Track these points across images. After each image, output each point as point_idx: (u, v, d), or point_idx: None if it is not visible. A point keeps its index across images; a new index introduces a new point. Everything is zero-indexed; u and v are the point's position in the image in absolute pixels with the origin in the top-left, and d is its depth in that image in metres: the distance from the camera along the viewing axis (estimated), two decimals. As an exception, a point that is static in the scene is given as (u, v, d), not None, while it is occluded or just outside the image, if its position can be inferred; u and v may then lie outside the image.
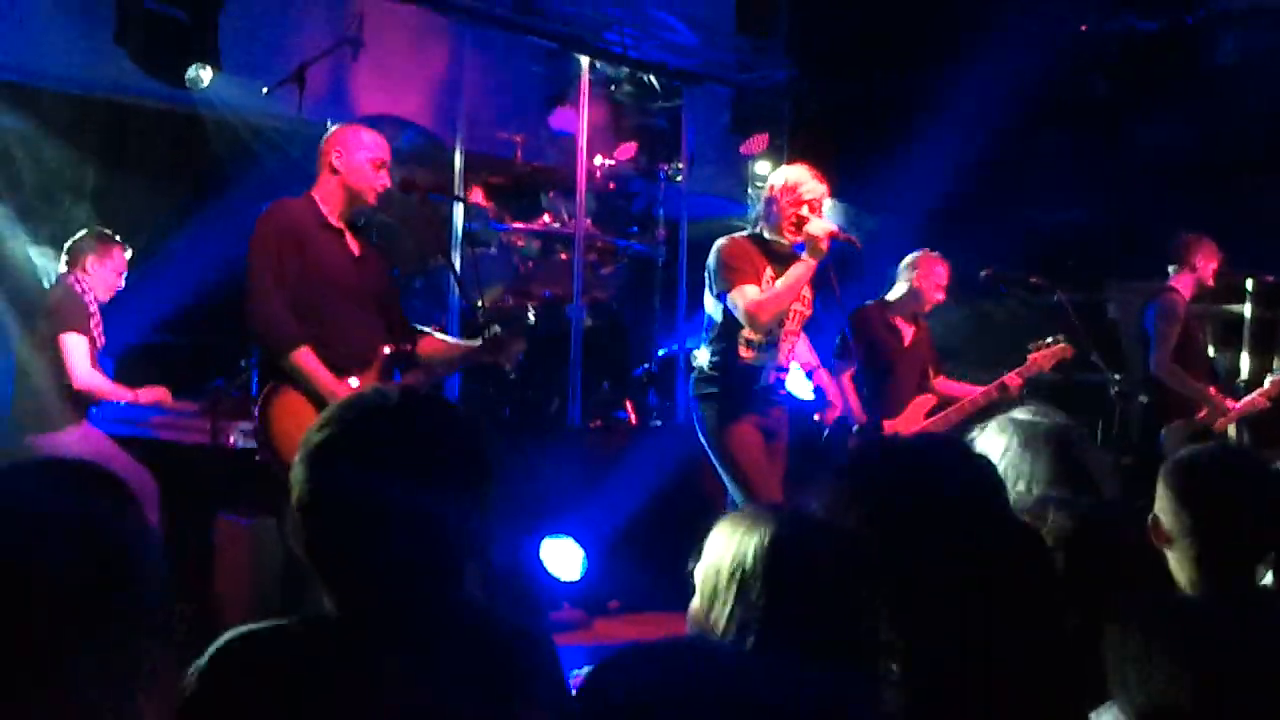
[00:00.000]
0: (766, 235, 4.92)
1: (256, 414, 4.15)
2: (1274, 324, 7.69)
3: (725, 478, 4.89)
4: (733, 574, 1.52)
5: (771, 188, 4.94)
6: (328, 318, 4.25)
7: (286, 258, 4.19)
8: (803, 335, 5.17)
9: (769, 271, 4.84)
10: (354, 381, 4.18)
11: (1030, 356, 5.88)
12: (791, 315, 4.90)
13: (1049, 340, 5.92)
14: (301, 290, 4.21)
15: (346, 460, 1.60)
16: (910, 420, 5.81)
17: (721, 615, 1.52)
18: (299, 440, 1.69)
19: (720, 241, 4.94)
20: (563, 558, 5.79)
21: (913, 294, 5.93)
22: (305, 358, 4.13)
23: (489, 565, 4.64)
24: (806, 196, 4.84)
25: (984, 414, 5.23)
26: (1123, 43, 8.51)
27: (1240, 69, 8.44)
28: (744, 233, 5.02)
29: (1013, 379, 5.78)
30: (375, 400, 1.66)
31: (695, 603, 1.60)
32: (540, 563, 5.72)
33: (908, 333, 5.95)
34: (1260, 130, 8.24)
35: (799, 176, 4.92)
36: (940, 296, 5.96)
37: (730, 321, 4.83)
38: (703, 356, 4.98)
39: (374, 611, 1.61)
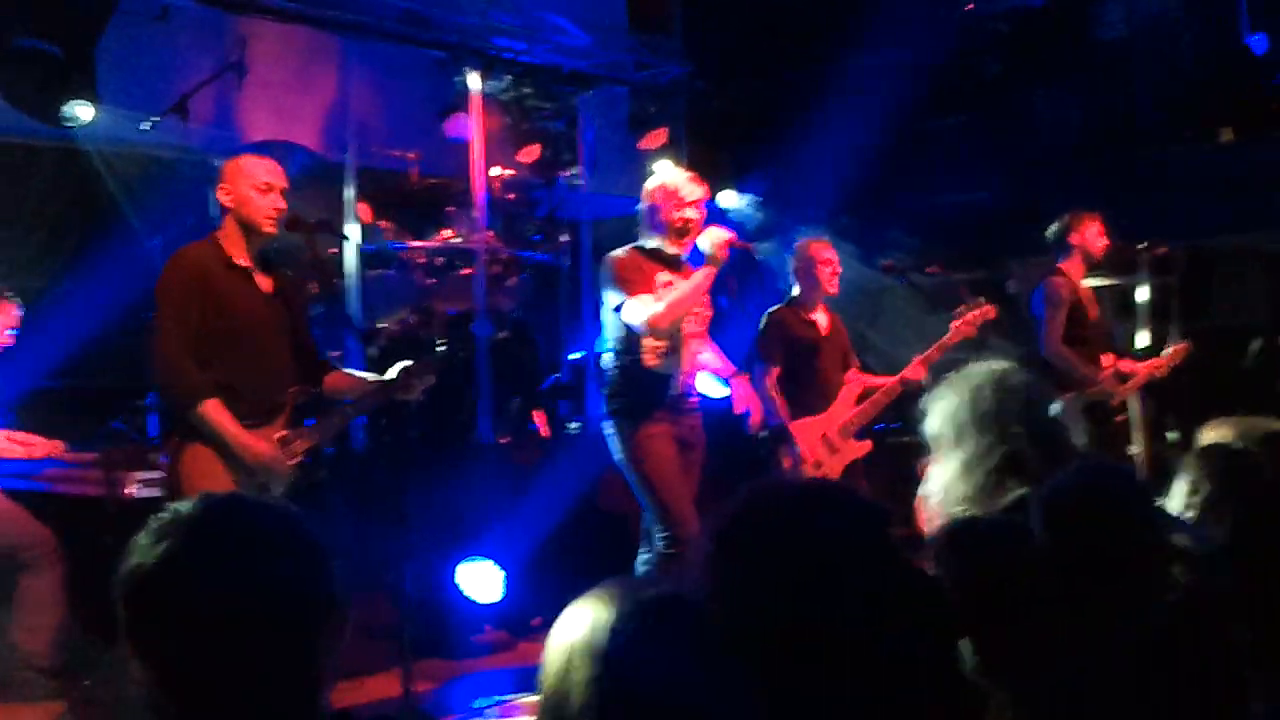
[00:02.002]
0: (650, 245, 4.96)
1: (166, 468, 4.09)
2: (1169, 293, 7.82)
3: (639, 495, 4.88)
4: (556, 682, 1.47)
5: (651, 195, 4.95)
6: (236, 364, 4.18)
7: (191, 307, 4.12)
8: (709, 340, 5.17)
9: (663, 276, 4.87)
10: (273, 432, 4.14)
11: (953, 325, 5.86)
12: (691, 318, 4.91)
13: (967, 306, 5.93)
14: (208, 338, 4.14)
15: (162, 587, 1.53)
16: (839, 410, 5.81)
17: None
18: None
19: (608, 257, 4.95)
20: (482, 580, 5.75)
21: (809, 286, 5.92)
22: (212, 410, 4.06)
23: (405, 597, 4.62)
24: (688, 199, 4.85)
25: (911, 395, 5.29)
26: (1012, 20, 8.59)
27: (1128, 41, 8.56)
28: (629, 246, 5.02)
29: (930, 356, 5.75)
30: (176, 519, 1.59)
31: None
32: (458, 587, 5.69)
33: (822, 323, 5.95)
34: (1151, 100, 8.38)
35: (676, 181, 4.92)
36: (832, 284, 5.88)
37: (632, 333, 4.84)
38: (610, 371, 4.97)
39: None
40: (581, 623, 1.46)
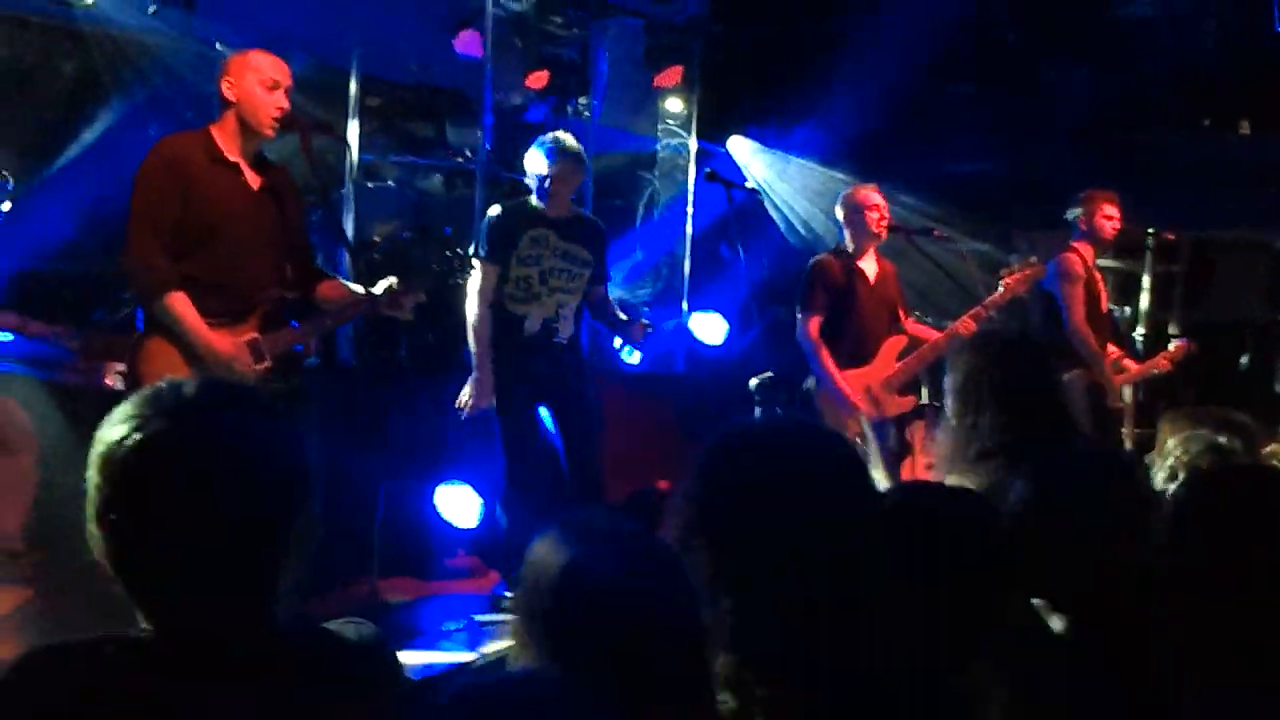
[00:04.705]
0: (533, 203, 5.30)
1: (127, 358, 3.97)
2: (1172, 279, 7.78)
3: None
4: (530, 615, 1.51)
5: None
6: (210, 260, 4.05)
7: (168, 197, 4.00)
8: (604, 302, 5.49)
9: (528, 236, 5.19)
10: (245, 335, 4.03)
11: (1004, 282, 5.69)
12: (552, 275, 5.25)
13: (1018, 265, 5.84)
14: (183, 230, 4.02)
15: (145, 469, 1.47)
16: (883, 364, 5.72)
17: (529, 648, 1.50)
18: None
19: (490, 211, 5.30)
20: (459, 505, 5.68)
21: (857, 233, 5.81)
22: (176, 303, 3.95)
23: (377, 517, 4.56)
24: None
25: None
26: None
27: (1151, 20, 8.45)
28: (511, 201, 5.41)
29: (979, 313, 5.64)
30: (172, 400, 1.52)
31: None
32: (436, 510, 5.62)
33: (870, 271, 5.84)
34: (1168, 83, 8.28)
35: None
36: (881, 230, 5.75)
37: None
38: None
39: (190, 632, 1.49)
40: (546, 552, 1.53)
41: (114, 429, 1.50)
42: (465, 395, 5.23)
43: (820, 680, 1.55)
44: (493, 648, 4.70)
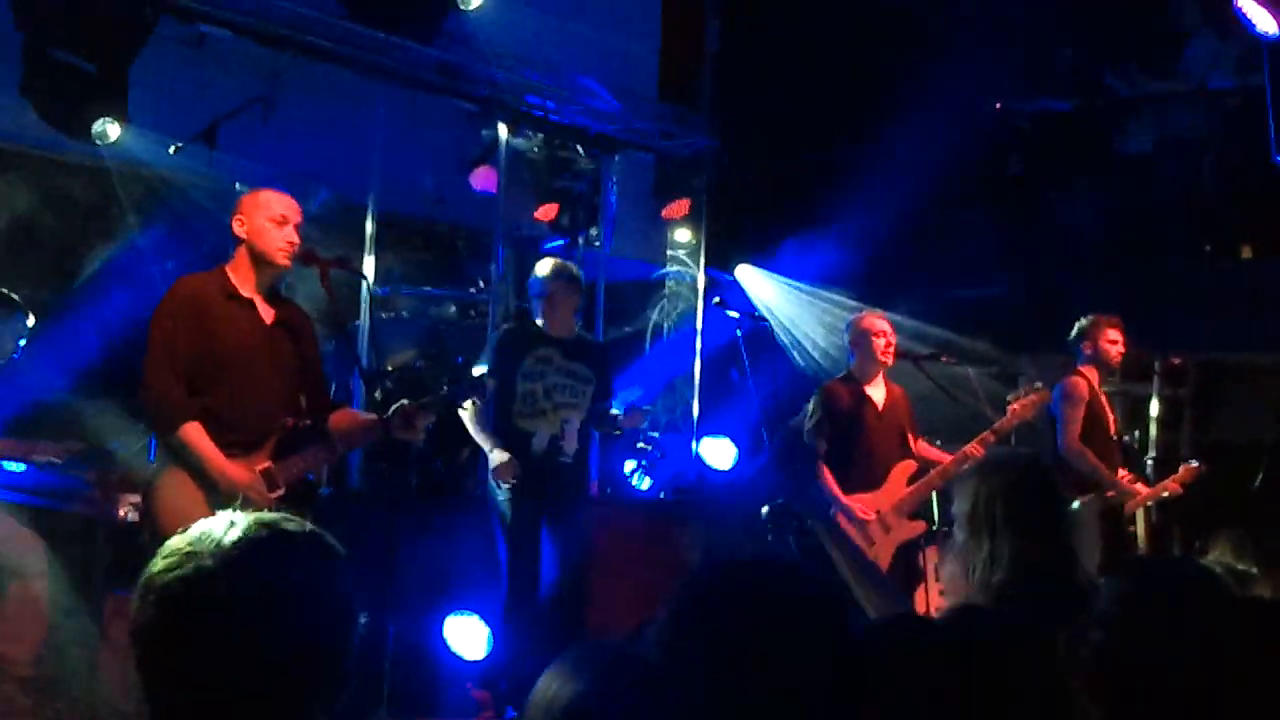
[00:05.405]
0: (538, 324, 5.55)
1: (144, 492, 4.01)
2: (1179, 403, 7.80)
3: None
4: None
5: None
6: (225, 392, 4.15)
7: (182, 332, 4.12)
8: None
9: (533, 355, 5.42)
10: (253, 464, 4.06)
11: (1010, 408, 5.79)
12: (556, 391, 5.44)
13: (1024, 390, 5.89)
14: (198, 364, 4.13)
15: (191, 603, 1.48)
16: (893, 489, 5.74)
17: None
18: (179, 521, 1.61)
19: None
20: (468, 636, 5.64)
21: (864, 358, 5.88)
22: (191, 434, 4.02)
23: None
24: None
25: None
26: (1038, 122, 8.64)
27: (1152, 154, 8.61)
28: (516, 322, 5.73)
29: (987, 437, 5.69)
30: (222, 535, 1.54)
31: None
32: (444, 642, 5.57)
33: (878, 397, 5.89)
34: (1171, 212, 8.41)
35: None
36: (887, 356, 5.86)
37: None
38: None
39: None
40: (552, 688, 1.53)
41: (162, 561, 1.52)
42: (495, 468, 5.33)
43: None
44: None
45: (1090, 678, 2.01)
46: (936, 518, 6.07)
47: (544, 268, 5.62)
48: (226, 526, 1.56)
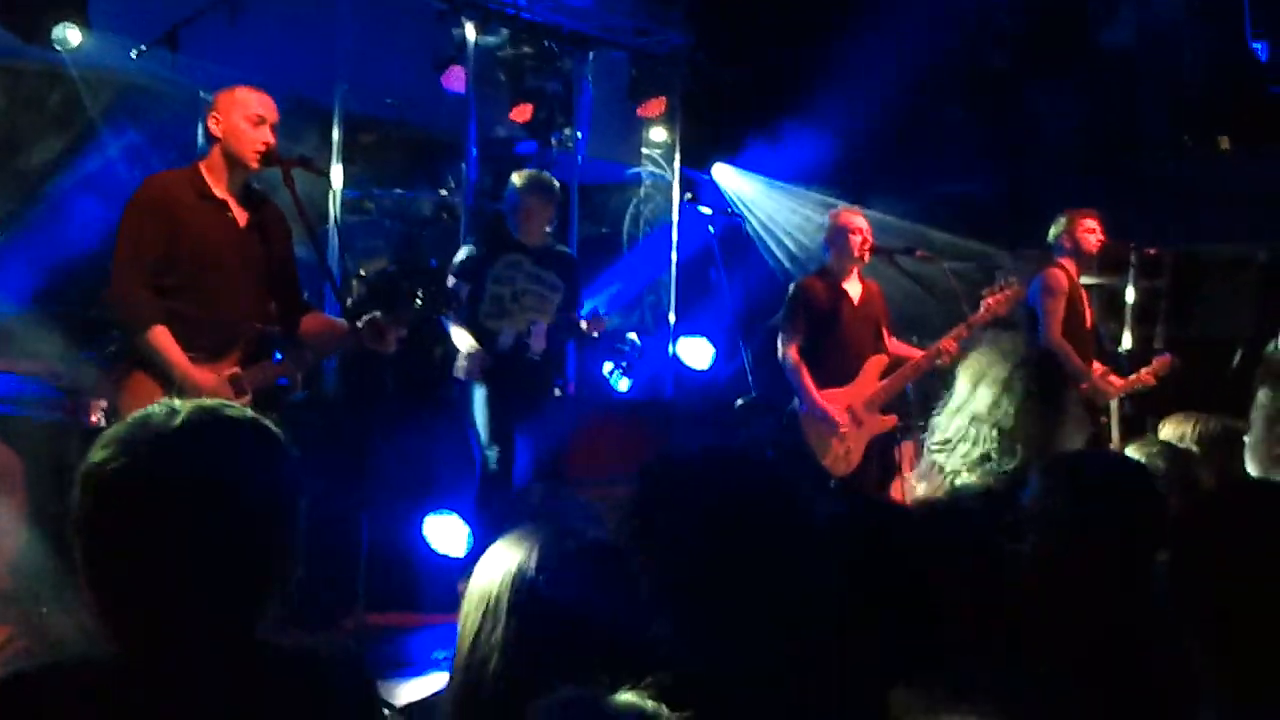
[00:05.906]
0: (510, 231, 5.65)
1: (110, 393, 4.00)
2: (1156, 295, 7.81)
3: None
4: (483, 606, 1.56)
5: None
6: (194, 295, 4.10)
7: (151, 233, 4.06)
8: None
9: (503, 260, 5.49)
10: (223, 370, 4.05)
11: (984, 302, 5.81)
12: (524, 295, 5.52)
13: (999, 285, 5.89)
14: (168, 266, 4.08)
15: (130, 490, 1.48)
16: (865, 383, 5.77)
17: (475, 640, 1.56)
18: None
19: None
20: (448, 534, 5.68)
21: (840, 255, 5.88)
22: (159, 337, 3.99)
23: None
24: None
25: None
26: (1019, 16, 8.53)
27: (1132, 47, 8.52)
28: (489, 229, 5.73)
29: (961, 332, 5.71)
30: (161, 423, 1.53)
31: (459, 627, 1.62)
32: (425, 540, 5.62)
33: (854, 293, 5.90)
34: (1151, 105, 8.35)
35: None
36: (863, 253, 5.85)
37: None
38: None
39: (159, 652, 1.50)
40: (503, 566, 1.57)
41: (101, 451, 1.51)
42: (463, 360, 5.42)
43: (758, 696, 1.56)
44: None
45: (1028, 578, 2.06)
46: (912, 412, 6.11)
47: (519, 179, 5.66)
48: (166, 414, 1.55)
